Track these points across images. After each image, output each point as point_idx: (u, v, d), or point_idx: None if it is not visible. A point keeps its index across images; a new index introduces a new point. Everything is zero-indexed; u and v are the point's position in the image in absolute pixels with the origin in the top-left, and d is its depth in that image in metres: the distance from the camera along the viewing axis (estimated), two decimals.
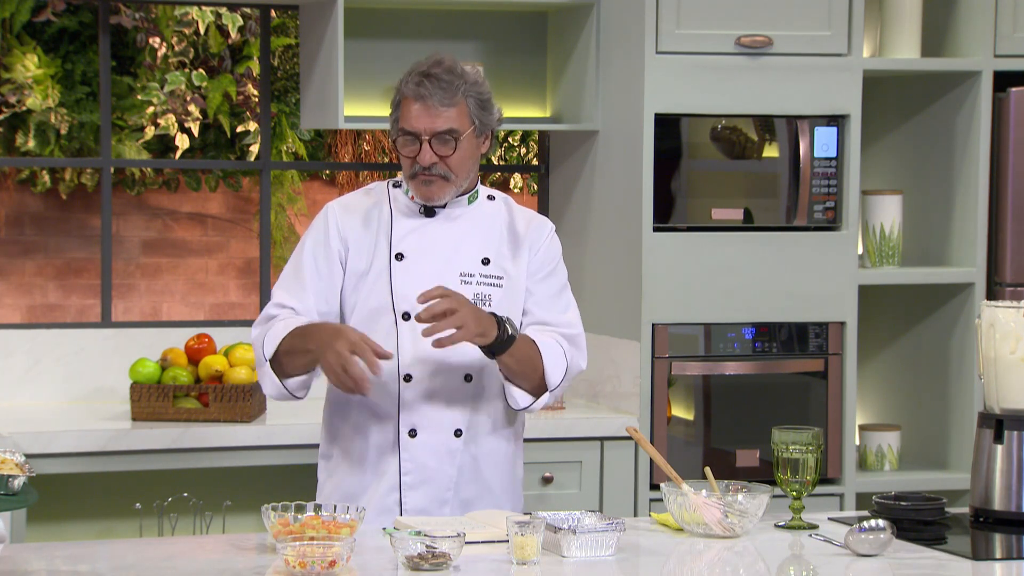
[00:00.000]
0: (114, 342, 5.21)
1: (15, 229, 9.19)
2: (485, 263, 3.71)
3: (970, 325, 5.22)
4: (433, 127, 3.61)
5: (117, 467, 4.63)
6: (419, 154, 3.62)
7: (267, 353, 3.61)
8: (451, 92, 3.61)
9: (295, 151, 9.11)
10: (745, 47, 5.00)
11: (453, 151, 3.63)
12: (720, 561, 3.28)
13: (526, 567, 3.11)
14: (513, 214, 3.81)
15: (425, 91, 3.60)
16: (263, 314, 3.71)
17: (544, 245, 3.78)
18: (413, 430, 3.67)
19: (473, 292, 3.67)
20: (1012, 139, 5.18)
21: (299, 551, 2.98)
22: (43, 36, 8.80)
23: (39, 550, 3.33)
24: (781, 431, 3.55)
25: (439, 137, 3.62)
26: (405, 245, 3.69)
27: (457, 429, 3.68)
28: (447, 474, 3.67)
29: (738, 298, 5.02)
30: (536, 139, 7.62)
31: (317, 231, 3.73)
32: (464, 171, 3.68)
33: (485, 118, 3.69)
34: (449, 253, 3.70)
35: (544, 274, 3.77)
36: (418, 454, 3.66)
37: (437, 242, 3.70)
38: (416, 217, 3.72)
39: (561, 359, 3.68)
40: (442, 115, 3.61)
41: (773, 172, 5.09)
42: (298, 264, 3.71)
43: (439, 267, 3.67)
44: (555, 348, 3.69)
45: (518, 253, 3.75)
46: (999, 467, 3.62)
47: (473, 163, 3.71)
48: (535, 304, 3.74)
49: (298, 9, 5.33)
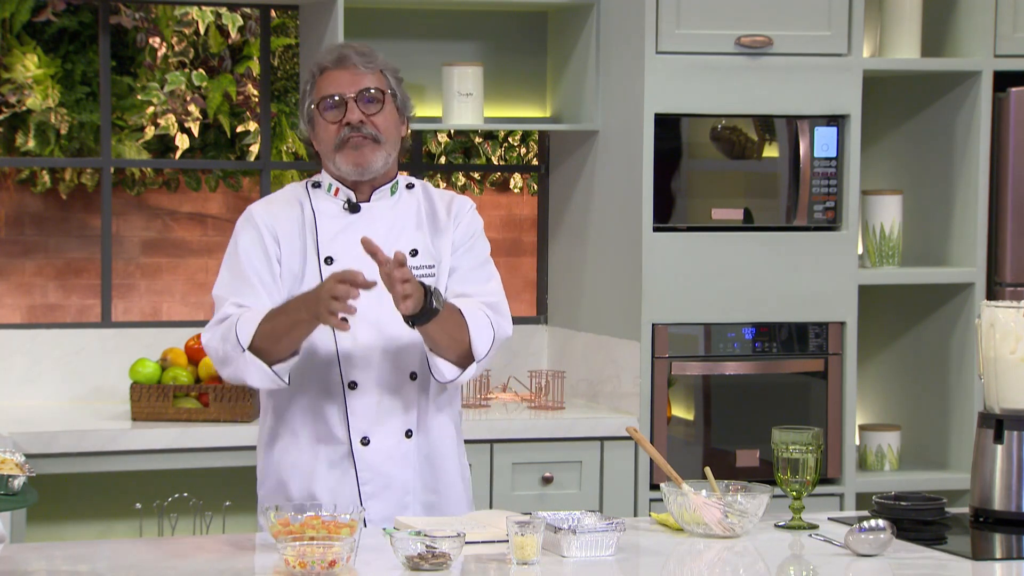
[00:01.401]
0: (114, 342, 5.21)
1: (15, 229, 9.18)
2: (414, 254, 3.60)
3: (970, 325, 5.22)
4: (357, 86, 3.56)
5: (117, 467, 4.63)
6: (346, 114, 3.54)
7: (244, 342, 3.47)
8: (371, 58, 3.59)
9: (295, 151, 9.12)
10: (745, 47, 5.00)
11: (380, 109, 3.56)
12: (720, 561, 3.28)
13: (526, 567, 3.11)
14: (432, 199, 3.70)
15: (345, 57, 3.57)
16: (216, 317, 3.57)
17: (465, 220, 3.68)
18: (365, 438, 3.56)
19: None
20: (1012, 139, 5.18)
21: (299, 551, 2.98)
22: (43, 36, 8.80)
23: (39, 550, 3.33)
24: (781, 431, 3.55)
25: (364, 95, 3.56)
26: (334, 248, 3.58)
27: (408, 430, 3.59)
28: (404, 478, 3.58)
29: (738, 298, 5.02)
30: (536, 139, 7.62)
31: (248, 233, 3.61)
32: (392, 137, 3.60)
33: (403, 95, 3.63)
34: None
35: (465, 248, 3.66)
36: (374, 462, 3.56)
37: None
38: (340, 216, 3.62)
39: (487, 328, 3.57)
40: (365, 75, 3.57)
41: (773, 172, 5.09)
42: (237, 269, 3.59)
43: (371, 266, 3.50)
44: (480, 317, 3.57)
45: (442, 235, 3.65)
46: (999, 467, 3.62)
47: (398, 136, 3.63)
48: (457, 279, 3.64)
49: (298, 9, 5.33)
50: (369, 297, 3.43)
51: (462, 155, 9.30)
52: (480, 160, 9.29)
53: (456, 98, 5.13)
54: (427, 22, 5.37)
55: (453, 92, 5.13)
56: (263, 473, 3.67)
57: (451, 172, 9.45)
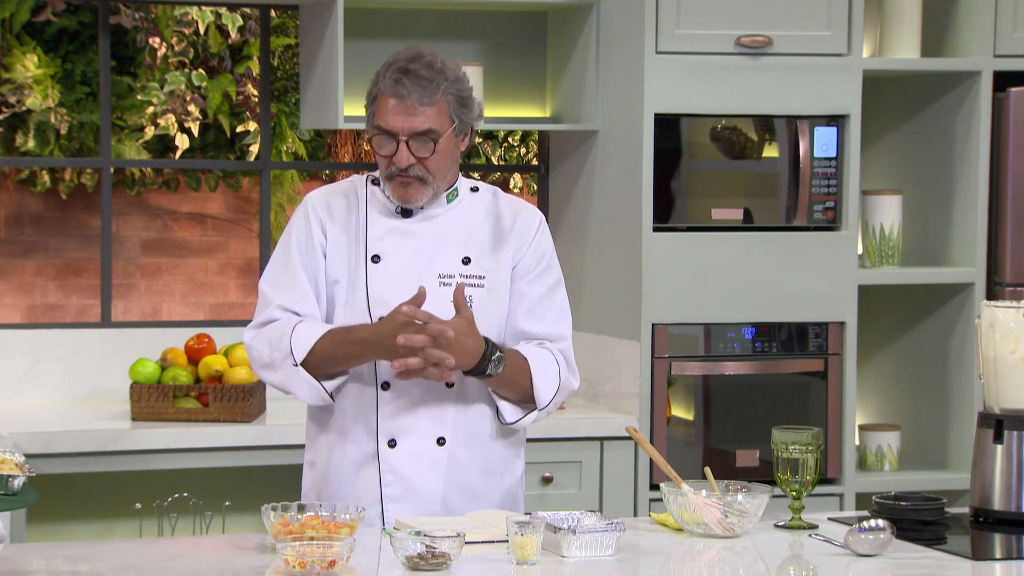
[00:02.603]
0: (114, 342, 5.21)
1: (15, 229, 9.19)
2: (466, 263, 3.54)
3: (970, 325, 5.22)
4: (412, 127, 3.44)
5: (117, 467, 4.63)
6: (396, 154, 3.46)
7: (298, 356, 3.45)
8: (431, 90, 3.44)
9: (295, 151, 9.12)
10: (745, 47, 5.00)
11: (432, 152, 3.46)
12: (720, 561, 3.28)
13: (526, 567, 3.11)
14: (500, 204, 3.62)
15: (404, 89, 3.43)
16: (263, 316, 3.54)
17: (534, 241, 3.60)
18: (392, 440, 3.51)
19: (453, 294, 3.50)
20: (1012, 139, 5.18)
21: (299, 551, 2.98)
22: (43, 36, 8.80)
23: (39, 550, 3.32)
24: (781, 431, 3.55)
25: (417, 138, 3.45)
26: (382, 246, 3.54)
27: (440, 437, 3.52)
28: (433, 485, 3.52)
29: (738, 298, 5.02)
30: (536, 139, 7.62)
31: (299, 226, 3.57)
32: (442, 172, 3.52)
33: (465, 116, 3.52)
34: (427, 254, 3.54)
35: (536, 274, 3.60)
36: (398, 465, 3.51)
37: (415, 243, 3.55)
38: (393, 217, 3.56)
39: (554, 377, 3.54)
40: (421, 114, 3.44)
41: (773, 172, 5.09)
42: (287, 262, 3.55)
43: (417, 269, 3.52)
44: (550, 364, 3.55)
45: (502, 247, 3.57)
46: (999, 467, 3.62)
47: (452, 163, 3.56)
48: (527, 310, 3.58)
49: (298, 9, 5.33)
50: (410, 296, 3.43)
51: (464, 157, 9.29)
52: (480, 160, 9.29)
53: None
54: (427, 22, 5.37)
55: None
56: (307, 466, 3.66)
57: None
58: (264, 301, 3.58)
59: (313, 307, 3.53)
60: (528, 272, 3.60)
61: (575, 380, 3.62)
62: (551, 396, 3.55)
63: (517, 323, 3.59)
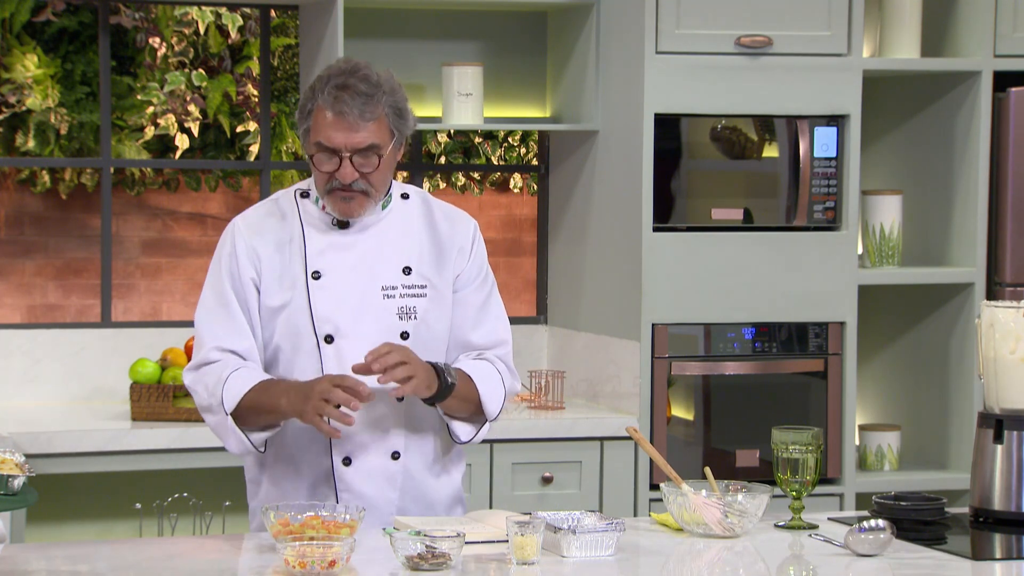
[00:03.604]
0: (114, 342, 5.21)
1: (15, 229, 9.18)
2: (407, 272, 3.49)
3: (970, 325, 5.22)
4: (354, 143, 3.38)
5: (117, 467, 4.63)
6: (339, 170, 3.38)
7: (228, 407, 3.39)
8: (371, 105, 3.38)
9: (295, 151, 9.12)
10: (745, 47, 5.00)
11: (376, 168, 3.40)
12: (720, 561, 3.28)
13: (526, 567, 3.11)
14: (433, 212, 3.57)
15: (344, 106, 3.37)
16: (199, 357, 3.46)
17: (473, 250, 3.57)
18: (347, 458, 3.46)
19: (397, 305, 3.47)
20: (1012, 139, 5.18)
21: (299, 551, 2.98)
22: (43, 36, 8.80)
23: (39, 550, 3.33)
24: (781, 431, 3.55)
25: (361, 153, 3.39)
26: (322, 262, 3.46)
27: (395, 451, 3.49)
28: (388, 499, 3.50)
29: (738, 298, 5.02)
30: (536, 139, 7.62)
31: (228, 257, 3.48)
32: (384, 184, 3.45)
33: (402, 127, 3.44)
34: (368, 266, 3.48)
35: (477, 283, 3.57)
36: (354, 483, 3.47)
37: (354, 255, 3.48)
38: (329, 230, 3.49)
39: (499, 387, 3.53)
40: (363, 130, 3.37)
41: (773, 172, 5.09)
42: (221, 296, 3.47)
43: (359, 283, 3.45)
44: (493, 376, 3.52)
45: (442, 257, 3.53)
46: (999, 467, 3.62)
47: (391, 173, 3.50)
48: (467, 317, 3.55)
49: (298, 9, 5.33)
50: (354, 314, 3.41)
51: (462, 155, 9.30)
52: (480, 160, 9.29)
53: (456, 98, 5.13)
54: (427, 22, 5.37)
55: (453, 92, 5.13)
56: (253, 484, 3.61)
57: (451, 172, 9.46)
58: (199, 341, 3.51)
59: (249, 343, 3.47)
60: (471, 282, 3.58)
61: (517, 383, 3.62)
62: (499, 407, 3.54)
63: (462, 333, 3.57)
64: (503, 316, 3.63)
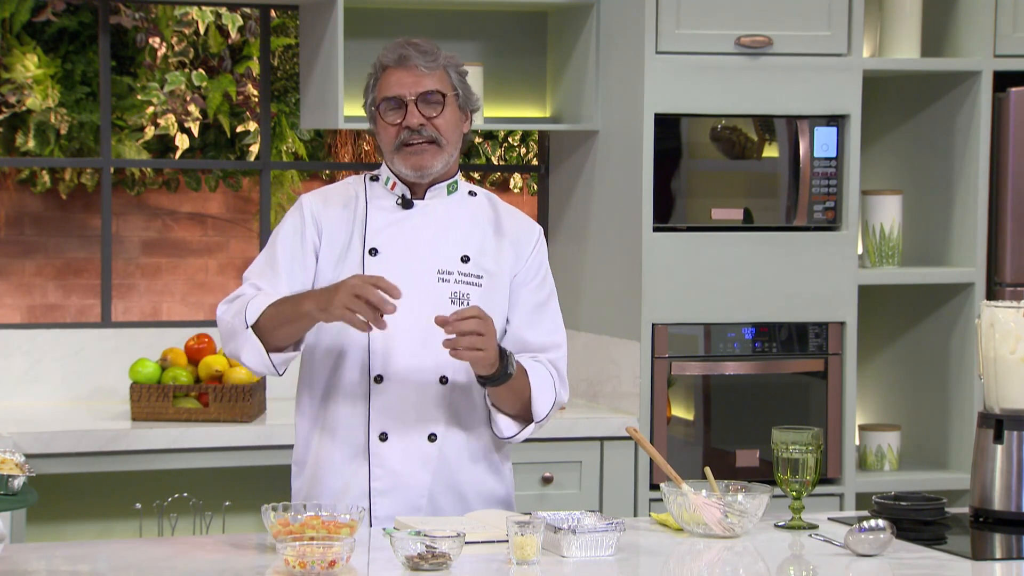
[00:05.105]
0: (114, 342, 5.21)
1: (15, 229, 9.19)
2: (464, 260, 3.54)
3: (970, 325, 5.22)
4: (418, 88, 3.49)
5: (117, 467, 4.63)
6: (406, 117, 3.48)
7: (250, 319, 3.41)
8: (433, 56, 3.51)
9: (295, 151, 9.12)
10: (745, 47, 5.00)
11: (440, 112, 3.50)
12: (720, 561, 3.28)
13: (526, 567, 3.11)
14: (499, 211, 3.65)
15: (407, 59, 3.49)
16: (233, 294, 3.53)
17: (535, 251, 3.63)
18: (384, 434, 3.50)
19: (451, 290, 3.51)
20: (1012, 139, 5.19)
21: (299, 551, 2.98)
22: (43, 36, 8.80)
23: (39, 550, 3.33)
24: (781, 431, 3.55)
25: (425, 98, 3.49)
26: (380, 240, 3.53)
27: (431, 433, 3.52)
28: (420, 480, 3.51)
29: (738, 298, 5.02)
30: (536, 139, 7.62)
31: (292, 221, 3.56)
32: (453, 138, 3.54)
33: (466, 91, 3.56)
34: (427, 249, 3.53)
35: (535, 284, 3.62)
36: (388, 460, 3.50)
37: (414, 237, 3.54)
38: (393, 210, 3.56)
39: (551, 391, 3.57)
40: (427, 76, 3.49)
41: (773, 172, 5.09)
42: (271, 254, 3.55)
43: (415, 264, 3.52)
44: (547, 379, 3.56)
45: (502, 253, 3.59)
46: (999, 467, 3.62)
47: (459, 135, 3.59)
48: (522, 318, 3.60)
49: (298, 9, 5.33)
50: (406, 293, 3.37)
51: (462, 155, 9.30)
52: (480, 160, 9.29)
53: None
54: (427, 22, 5.37)
55: None
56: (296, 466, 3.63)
57: None
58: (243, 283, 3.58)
59: (282, 290, 3.50)
60: (529, 281, 3.62)
61: (566, 394, 3.65)
62: (548, 409, 3.58)
63: (518, 331, 3.60)
64: (560, 323, 3.67)
